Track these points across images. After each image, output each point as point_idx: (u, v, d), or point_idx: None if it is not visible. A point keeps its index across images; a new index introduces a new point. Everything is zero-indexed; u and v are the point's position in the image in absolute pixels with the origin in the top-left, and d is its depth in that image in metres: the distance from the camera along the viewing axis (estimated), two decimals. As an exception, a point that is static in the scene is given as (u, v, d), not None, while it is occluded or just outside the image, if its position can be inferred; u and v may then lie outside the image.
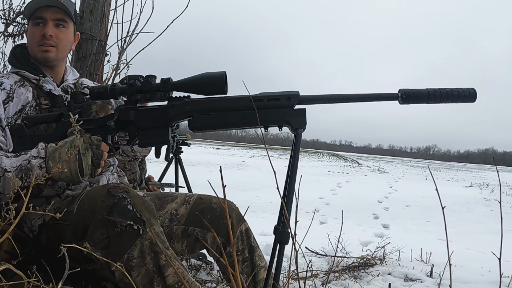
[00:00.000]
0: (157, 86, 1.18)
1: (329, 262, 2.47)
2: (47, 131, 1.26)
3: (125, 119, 1.21)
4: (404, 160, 47.52)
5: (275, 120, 1.14)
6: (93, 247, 1.07)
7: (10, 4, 2.46)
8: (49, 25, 1.37)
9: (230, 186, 1.10)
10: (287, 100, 1.14)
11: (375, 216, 5.38)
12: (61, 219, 1.18)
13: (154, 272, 1.06)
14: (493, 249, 1.58)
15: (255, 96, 1.15)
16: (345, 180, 10.58)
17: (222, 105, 1.16)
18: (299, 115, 1.14)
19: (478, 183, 13.17)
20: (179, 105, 1.18)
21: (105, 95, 1.21)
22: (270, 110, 1.14)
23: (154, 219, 1.13)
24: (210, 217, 1.40)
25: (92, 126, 1.23)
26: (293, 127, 1.13)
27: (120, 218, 1.07)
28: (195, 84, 1.15)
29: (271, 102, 1.14)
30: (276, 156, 24.38)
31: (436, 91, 1.15)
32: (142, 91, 1.18)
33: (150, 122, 1.19)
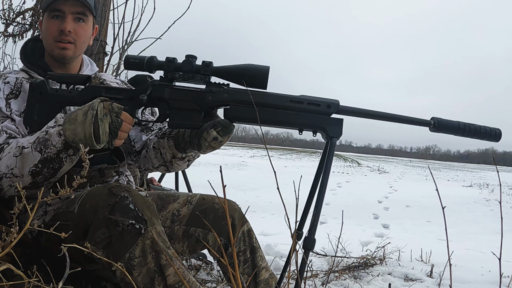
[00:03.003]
0: (198, 68, 1.14)
1: (329, 262, 2.47)
2: (71, 93, 1.20)
3: (158, 95, 1.16)
4: (404, 160, 47.52)
5: (312, 125, 1.14)
6: (94, 247, 1.07)
7: (10, 4, 2.46)
8: (68, 20, 1.29)
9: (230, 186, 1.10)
10: (327, 108, 1.14)
11: (375, 216, 5.38)
12: (62, 220, 1.17)
13: (155, 272, 1.06)
14: (493, 249, 1.58)
15: (296, 98, 1.14)
16: (345, 180, 10.57)
17: (263, 100, 1.14)
18: (336, 124, 1.14)
19: (478, 183, 13.17)
20: (219, 92, 1.15)
21: (141, 66, 1.15)
22: (309, 114, 1.14)
23: (156, 218, 1.12)
24: (212, 218, 1.39)
25: (121, 96, 1.18)
26: (329, 135, 1.13)
27: (122, 217, 1.06)
28: (238, 74, 1.13)
29: (310, 106, 1.14)
30: (276, 156, 24.38)
31: (466, 125, 1.19)
32: (181, 69, 1.14)
33: (185, 103, 1.15)
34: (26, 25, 2.50)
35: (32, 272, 1.04)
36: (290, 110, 1.13)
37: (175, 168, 1.39)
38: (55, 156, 1.11)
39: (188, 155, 1.33)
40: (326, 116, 1.14)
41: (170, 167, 1.38)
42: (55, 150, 1.11)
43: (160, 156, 1.35)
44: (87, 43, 1.38)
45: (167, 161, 1.35)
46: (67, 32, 1.29)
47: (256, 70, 1.12)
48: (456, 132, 1.19)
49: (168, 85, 1.17)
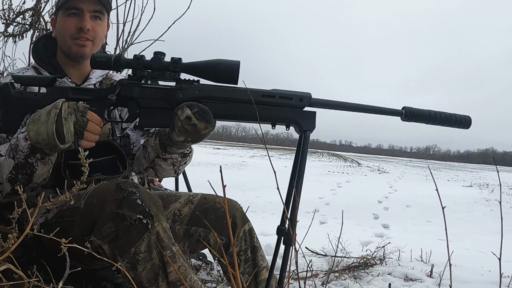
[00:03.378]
0: (167, 65, 1.11)
1: (329, 262, 2.47)
2: (37, 95, 1.16)
3: (127, 94, 1.13)
4: (404, 160, 47.52)
5: (285, 119, 1.12)
6: (101, 241, 1.07)
7: (10, 4, 2.46)
8: (86, 18, 1.28)
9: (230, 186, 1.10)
10: (299, 101, 1.12)
11: (375, 216, 5.38)
12: (66, 216, 1.17)
13: (159, 268, 1.06)
14: (493, 249, 1.58)
15: (267, 92, 1.12)
16: (345, 180, 10.57)
17: (234, 95, 1.11)
18: (309, 118, 1.12)
19: (478, 183, 13.17)
20: (190, 89, 1.12)
21: (108, 65, 1.12)
22: (281, 108, 1.12)
23: (162, 215, 1.12)
24: (213, 217, 1.38)
25: (89, 97, 1.15)
26: (302, 128, 1.12)
27: (130, 212, 1.06)
28: (209, 69, 1.10)
29: (283, 100, 1.12)
30: (276, 156, 24.38)
31: (436, 113, 1.18)
32: (150, 67, 1.11)
33: (155, 101, 1.12)
34: (26, 25, 2.50)
35: (32, 272, 1.05)
36: (263, 105, 1.11)
37: (159, 170, 1.33)
38: (25, 162, 1.10)
39: (172, 156, 1.28)
40: (299, 110, 1.12)
41: (156, 169, 1.33)
42: (23, 155, 1.10)
43: (148, 156, 1.32)
44: (103, 41, 1.37)
45: (151, 160, 1.31)
46: (86, 30, 1.28)
47: (226, 65, 1.09)
48: (427, 121, 1.18)
49: (137, 83, 1.14)
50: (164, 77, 1.12)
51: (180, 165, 1.33)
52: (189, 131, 1.08)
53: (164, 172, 1.34)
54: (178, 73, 1.12)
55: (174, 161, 1.30)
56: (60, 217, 1.21)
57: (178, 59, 1.11)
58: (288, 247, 1.08)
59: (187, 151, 1.30)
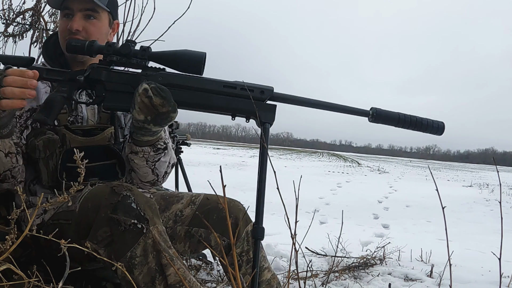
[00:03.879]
0: (135, 52, 1.15)
1: (329, 262, 2.47)
2: None
3: (95, 77, 1.17)
4: (404, 160, 47.52)
5: (245, 110, 1.13)
6: (96, 245, 1.07)
7: (10, 4, 2.46)
8: (76, 18, 1.27)
9: (230, 186, 1.10)
10: (260, 93, 1.13)
11: (375, 216, 5.38)
12: (62, 218, 1.17)
13: (156, 271, 1.06)
14: (493, 249, 1.58)
15: (229, 83, 1.13)
16: (345, 180, 10.57)
17: (196, 84, 1.13)
18: (269, 110, 1.13)
19: (478, 183, 13.17)
20: (154, 75, 1.15)
21: (81, 49, 1.17)
22: (242, 100, 1.13)
23: (157, 218, 1.12)
24: (216, 218, 1.37)
25: (60, 78, 1.20)
26: (261, 121, 1.12)
27: (124, 217, 1.06)
28: (174, 58, 1.13)
29: (244, 91, 1.12)
30: (276, 156, 24.38)
31: (406, 117, 1.16)
32: (119, 53, 1.15)
33: (120, 86, 1.16)
34: (26, 25, 2.50)
35: (32, 272, 1.05)
36: (224, 95, 1.12)
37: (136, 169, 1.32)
38: None
39: (143, 149, 1.26)
40: (259, 102, 1.13)
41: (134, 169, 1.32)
42: None
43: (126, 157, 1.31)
44: (104, 39, 1.34)
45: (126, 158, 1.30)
46: (75, 31, 1.27)
47: (191, 56, 1.12)
48: (396, 123, 1.16)
49: (105, 67, 1.18)
50: (131, 63, 1.16)
51: (155, 162, 1.30)
52: (147, 106, 1.08)
53: (141, 171, 1.32)
54: (145, 61, 1.16)
55: (146, 155, 1.27)
56: (56, 219, 1.21)
57: (147, 48, 1.15)
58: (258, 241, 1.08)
59: (159, 145, 1.28)
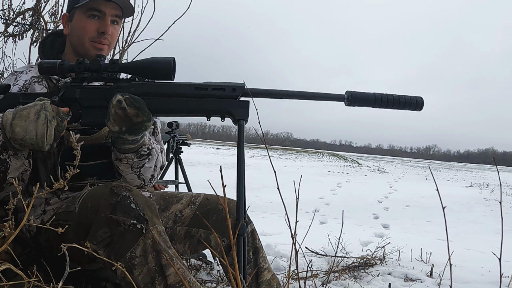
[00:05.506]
0: (105, 66, 1.17)
1: (329, 262, 2.47)
2: None
3: (70, 96, 1.18)
4: (404, 160, 47.52)
5: (218, 110, 1.14)
6: (96, 246, 1.07)
7: (10, 4, 2.46)
8: (107, 22, 1.30)
9: (230, 186, 1.11)
10: (232, 91, 1.13)
11: (375, 216, 5.38)
12: (62, 219, 1.17)
13: (156, 271, 1.06)
14: (493, 249, 1.58)
15: (200, 85, 1.15)
16: (345, 180, 10.57)
17: (167, 90, 1.15)
18: (242, 107, 1.13)
19: (478, 183, 13.17)
20: (125, 87, 1.16)
21: (53, 70, 1.17)
22: (214, 100, 1.14)
23: (157, 218, 1.12)
24: (215, 218, 1.38)
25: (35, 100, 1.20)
26: (235, 118, 1.13)
27: (124, 217, 1.06)
28: (142, 68, 1.15)
29: (215, 91, 1.13)
30: (276, 156, 24.38)
31: (383, 96, 1.16)
32: (90, 69, 1.17)
33: (95, 101, 1.17)
34: (26, 25, 2.49)
35: (32, 272, 1.05)
36: (196, 97, 1.14)
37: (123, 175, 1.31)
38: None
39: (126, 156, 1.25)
40: (232, 100, 1.13)
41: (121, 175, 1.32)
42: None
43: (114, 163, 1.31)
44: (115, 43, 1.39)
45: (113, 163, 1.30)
46: (107, 35, 1.30)
47: (160, 63, 1.13)
48: (372, 104, 1.16)
49: (78, 85, 1.18)
50: (103, 78, 1.18)
51: (139, 168, 1.29)
52: (121, 117, 1.08)
53: (128, 177, 1.31)
54: (116, 73, 1.17)
55: (130, 161, 1.27)
56: (56, 220, 1.20)
57: (116, 60, 1.17)
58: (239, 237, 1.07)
59: (143, 151, 1.26)
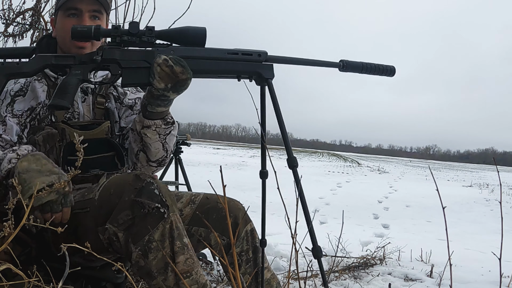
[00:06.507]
0: (143, 31, 1.22)
1: (329, 262, 2.47)
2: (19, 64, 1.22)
3: (109, 57, 1.22)
4: (404, 160, 47.51)
5: (248, 71, 1.28)
6: (116, 228, 1.09)
7: (10, 4, 2.46)
8: (85, 18, 1.30)
9: (230, 186, 1.11)
10: (258, 56, 1.28)
11: (375, 216, 5.39)
12: (78, 208, 1.17)
13: (170, 257, 1.09)
14: (493, 249, 1.58)
15: (232, 50, 1.28)
16: (345, 180, 10.57)
17: (203, 54, 1.25)
18: (269, 68, 1.28)
19: (478, 183, 13.17)
20: (166, 49, 1.23)
21: (88, 34, 1.19)
22: (244, 63, 1.28)
23: (175, 206, 1.16)
24: (215, 217, 1.38)
25: (71, 62, 1.22)
26: (264, 77, 1.27)
27: (148, 201, 1.09)
28: (179, 34, 1.23)
29: (244, 56, 1.27)
30: (276, 156, 24.37)
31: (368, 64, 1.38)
32: (129, 33, 1.21)
33: (135, 62, 1.23)
34: (26, 25, 2.49)
35: (32, 272, 1.05)
36: (229, 60, 1.27)
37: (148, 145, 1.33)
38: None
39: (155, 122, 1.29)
40: (259, 63, 1.28)
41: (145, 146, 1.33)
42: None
43: (136, 134, 1.32)
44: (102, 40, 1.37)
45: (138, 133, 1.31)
46: None
47: (195, 31, 1.23)
48: (360, 70, 1.37)
49: (117, 47, 1.23)
50: (141, 42, 1.23)
51: (166, 135, 1.33)
52: (168, 74, 1.16)
53: (153, 147, 1.33)
54: (154, 38, 1.23)
55: (158, 128, 1.31)
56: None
57: (152, 27, 1.23)
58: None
59: (168, 119, 1.31)
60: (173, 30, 1.24)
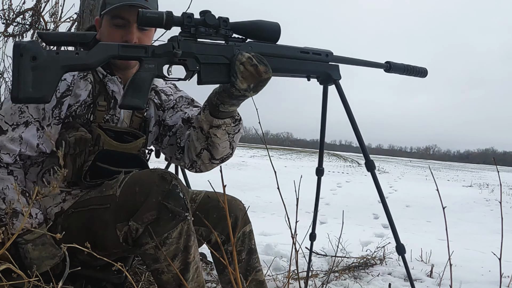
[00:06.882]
0: (218, 23, 1.12)
1: (329, 262, 2.47)
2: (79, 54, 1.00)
3: (187, 50, 1.09)
4: (404, 160, 47.49)
5: (318, 71, 1.28)
6: (139, 225, 1.12)
7: (10, 4, 2.46)
8: (133, 30, 1.22)
9: (230, 186, 1.10)
10: (326, 56, 1.28)
11: (375, 216, 5.38)
12: (96, 203, 1.19)
13: (180, 250, 1.13)
14: (493, 249, 1.58)
15: (304, 48, 1.26)
16: (345, 180, 10.56)
17: (279, 51, 1.21)
18: (337, 69, 1.31)
19: (478, 183, 13.17)
20: (244, 45, 1.16)
21: (158, 22, 1.04)
22: (315, 63, 1.27)
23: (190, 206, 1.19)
24: (216, 216, 1.39)
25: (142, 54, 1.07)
26: (334, 78, 1.29)
27: (174, 206, 1.12)
28: (255, 29, 1.16)
29: (314, 55, 1.27)
30: (276, 156, 24.38)
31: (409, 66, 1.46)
32: (205, 24, 1.10)
33: (214, 57, 1.12)
34: (26, 25, 2.50)
35: (32, 272, 1.05)
36: (300, 60, 1.25)
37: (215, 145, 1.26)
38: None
39: (225, 121, 1.23)
40: (326, 63, 1.29)
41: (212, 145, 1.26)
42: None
43: (201, 133, 1.26)
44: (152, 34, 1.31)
45: (206, 133, 1.25)
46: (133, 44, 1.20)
47: (270, 26, 1.18)
48: (402, 72, 1.45)
49: (194, 40, 1.11)
50: (219, 34, 1.13)
51: (234, 134, 1.28)
52: (252, 74, 1.10)
53: (221, 147, 1.28)
54: (231, 31, 1.15)
55: (228, 127, 1.25)
56: (82, 206, 1.21)
57: (227, 18, 1.14)
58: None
59: (237, 116, 1.26)
60: (248, 24, 1.15)
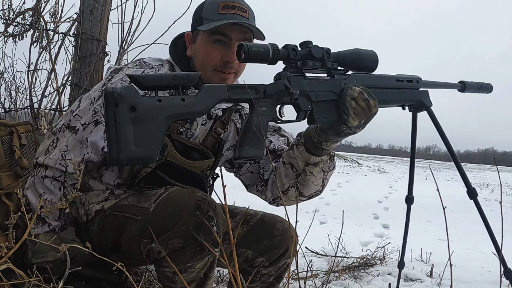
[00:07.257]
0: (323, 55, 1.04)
1: (329, 262, 2.47)
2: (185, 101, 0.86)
3: (298, 88, 1.00)
4: (404, 160, 47.45)
5: (413, 99, 1.22)
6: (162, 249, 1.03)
7: (10, 4, 2.46)
8: (234, 49, 1.07)
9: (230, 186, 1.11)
10: (417, 83, 1.23)
11: (375, 216, 5.39)
12: (129, 212, 1.13)
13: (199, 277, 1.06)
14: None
15: (398, 77, 1.20)
16: (345, 180, 10.57)
17: (379, 82, 1.15)
18: (427, 95, 1.25)
19: (478, 183, 13.17)
20: (349, 78, 1.09)
21: (264, 58, 0.95)
22: (409, 91, 1.21)
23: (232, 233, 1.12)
24: (266, 243, 1.31)
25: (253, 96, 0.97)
26: (427, 105, 1.23)
27: (205, 239, 1.02)
28: (354, 59, 1.10)
29: (406, 83, 1.20)
30: (276, 156, 24.35)
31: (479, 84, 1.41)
32: (313, 57, 1.02)
33: (324, 94, 1.04)
34: (26, 25, 2.49)
35: (32, 271, 1.05)
36: (396, 89, 1.19)
37: (307, 183, 1.19)
38: None
39: (322, 159, 1.15)
40: (420, 90, 1.23)
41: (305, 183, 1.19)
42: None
43: (292, 170, 1.17)
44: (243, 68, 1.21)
45: (300, 170, 1.17)
46: (233, 65, 1.13)
47: (370, 55, 1.12)
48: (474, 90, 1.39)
49: (303, 76, 1.03)
50: (325, 67, 1.06)
51: (330, 170, 1.21)
52: (363, 108, 1.03)
53: (314, 183, 1.20)
54: (336, 64, 1.07)
55: (324, 164, 1.17)
56: (119, 210, 1.16)
57: (328, 49, 1.05)
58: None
59: (332, 152, 1.18)
60: (349, 53, 1.09)
